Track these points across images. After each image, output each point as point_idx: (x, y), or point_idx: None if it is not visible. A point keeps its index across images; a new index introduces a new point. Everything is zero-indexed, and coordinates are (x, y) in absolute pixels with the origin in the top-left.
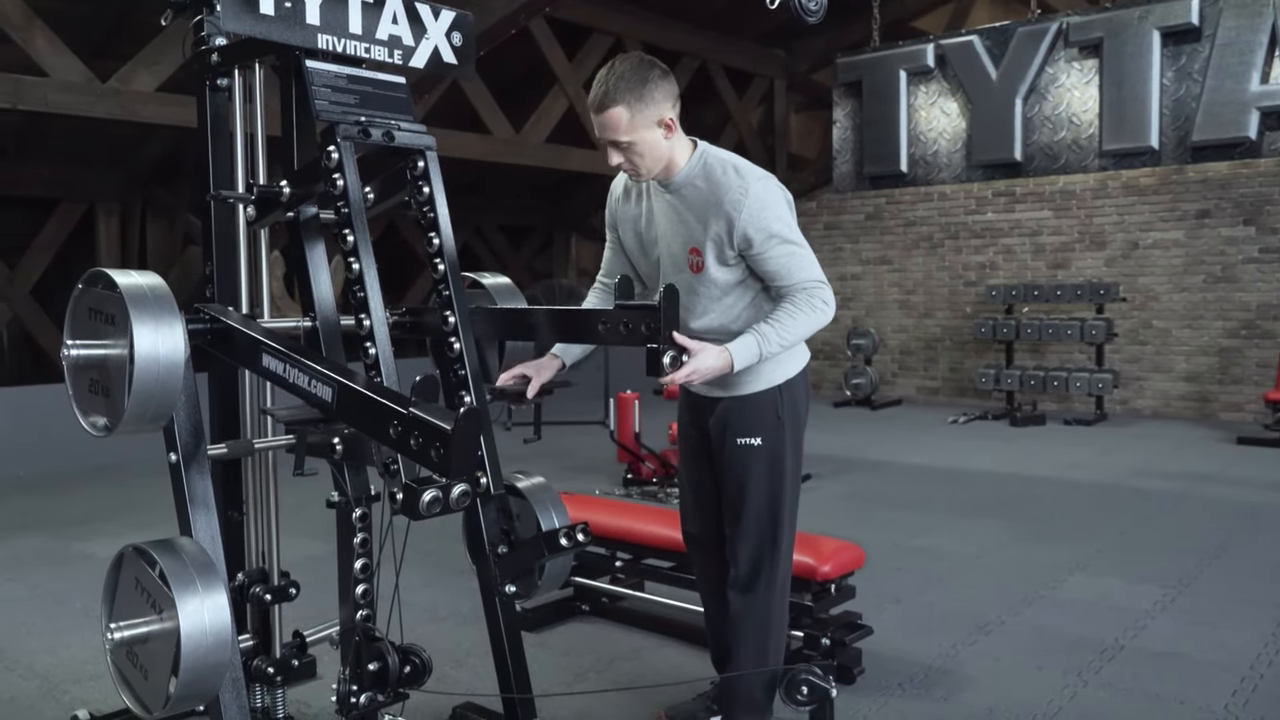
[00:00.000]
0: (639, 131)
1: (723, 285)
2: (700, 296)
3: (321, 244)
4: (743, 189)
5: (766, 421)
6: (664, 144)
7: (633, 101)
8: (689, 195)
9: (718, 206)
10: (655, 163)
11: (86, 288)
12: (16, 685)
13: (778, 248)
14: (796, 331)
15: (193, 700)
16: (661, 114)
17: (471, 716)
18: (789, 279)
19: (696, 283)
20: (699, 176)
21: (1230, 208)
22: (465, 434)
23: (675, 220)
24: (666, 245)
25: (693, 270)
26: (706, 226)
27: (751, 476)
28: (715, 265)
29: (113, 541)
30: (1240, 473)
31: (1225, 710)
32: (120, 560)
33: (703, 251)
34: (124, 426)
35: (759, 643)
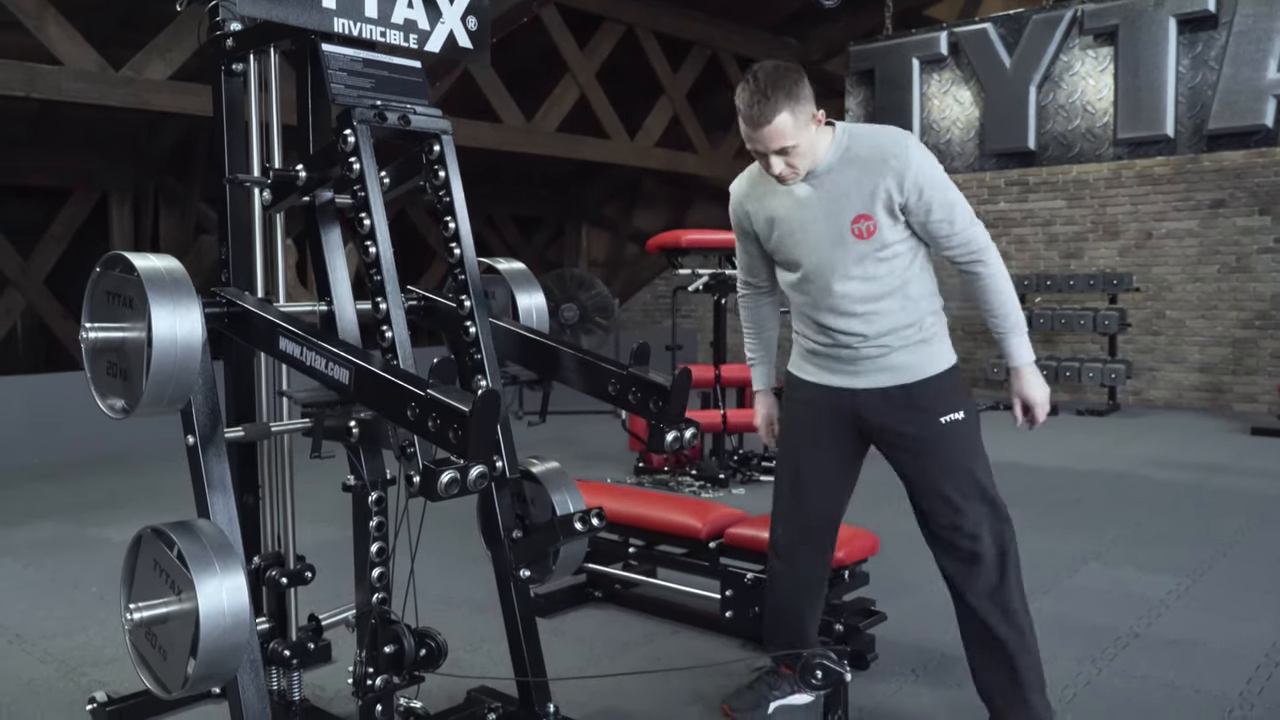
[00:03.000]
0: (801, 133)
1: (893, 246)
2: (874, 263)
3: (337, 228)
4: (903, 145)
5: (963, 394)
6: (816, 137)
7: (792, 106)
8: (844, 171)
9: (881, 165)
10: (813, 159)
11: (104, 271)
12: (35, 668)
13: (943, 195)
14: (1013, 294)
15: (211, 681)
16: (812, 110)
17: (486, 700)
18: (957, 224)
19: (868, 249)
20: (851, 150)
21: (1245, 197)
22: (483, 416)
23: (831, 198)
24: (822, 227)
25: (860, 237)
26: (875, 189)
27: (965, 454)
28: (888, 224)
29: (129, 527)
30: (1254, 463)
31: (1240, 698)
32: (139, 542)
33: (873, 214)
34: (142, 409)
35: (1030, 644)
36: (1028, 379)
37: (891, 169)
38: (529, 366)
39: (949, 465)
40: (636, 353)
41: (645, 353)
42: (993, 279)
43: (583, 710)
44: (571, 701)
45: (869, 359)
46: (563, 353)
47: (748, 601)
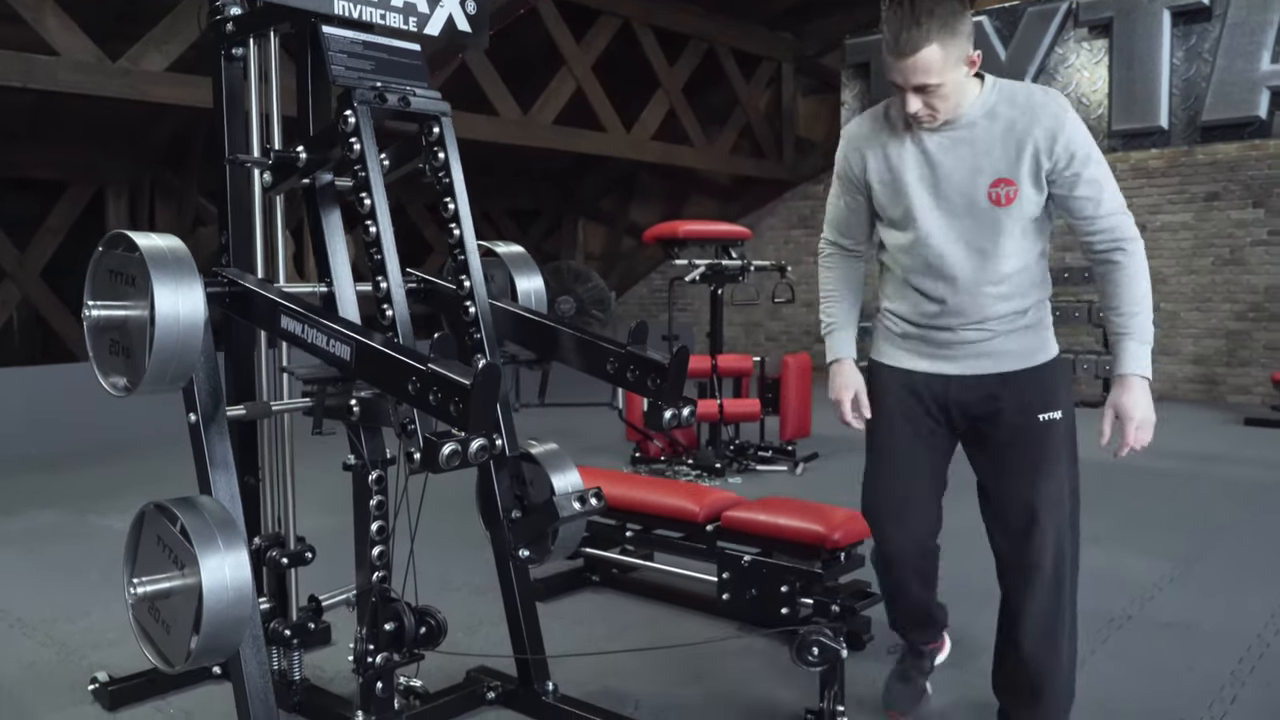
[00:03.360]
0: (950, 72)
1: (1028, 219)
2: (1005, 235)
3: (337, 210)
4: (1059, 104)
5: (1064, 393)
6: (965, 82)
7: (946, 39)
8: (989, 126)
9: (1033, 123)
10: (956, 103)
11: (107, 250)
12: (36, 651)
13: (1093, 167)
14: (1149, 293)
15: (214, 655)
16: (968, 50)
17: (485, 679)
18: (1103, 205)
19: (1003, 217)
20: (1000, 104)
21: (1239, 190)
22: (484, 389)
23: (968, 155)
24: (953, 186)
25: (996, 203)
26: (1022, 149)
27: (1056, 459)
28: (1031, 194)
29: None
30: (1248, 453)
31: (1231, 676)
32: (142, 518)
33: (1016, 180)
34: (144, 386)
35: (1066, 671)
36: (1134, 392)
37: (1043, 128)
38: (528, 346)
39: (1037, 468)
40: (634, 331)
41: (643, 331)
42: (1131, 272)
43: (582, 689)
44: (570, 681)
45: (968, 343)
46: (561, 332)
47: (745, 584)
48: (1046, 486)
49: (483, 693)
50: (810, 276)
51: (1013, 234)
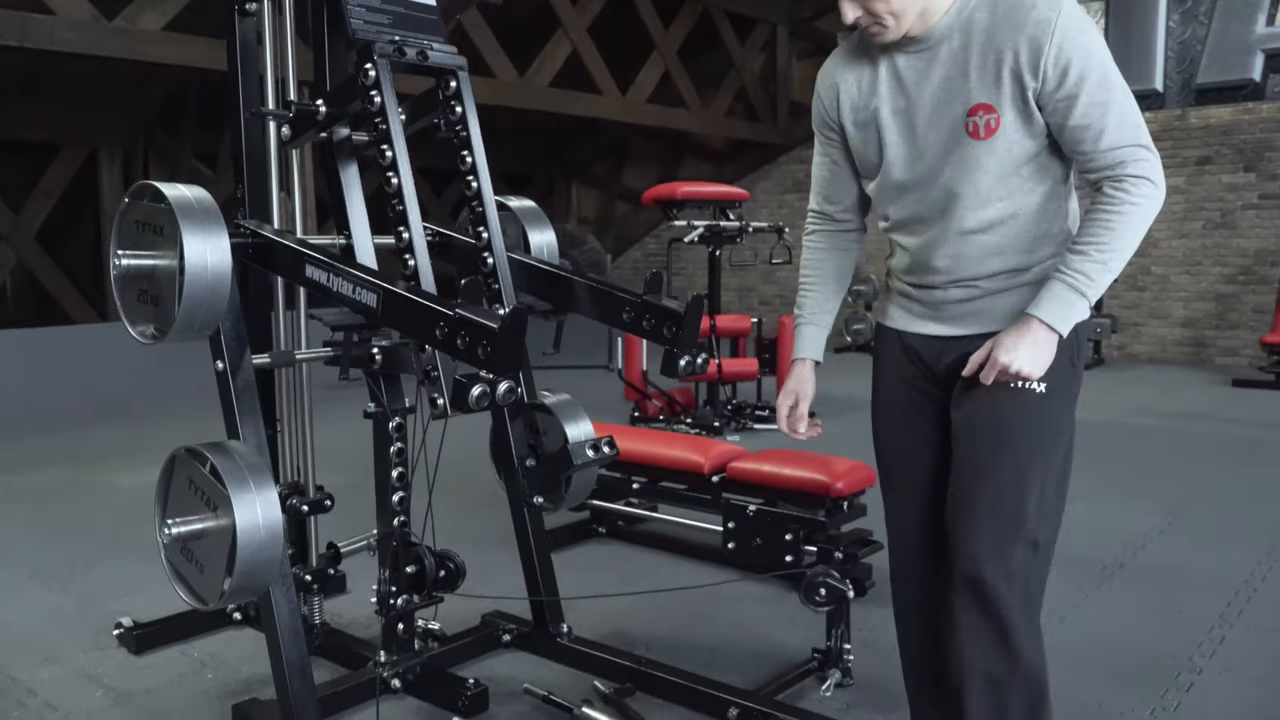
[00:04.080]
0: None
1: (1019, 154)
2: (985, 173)
3: (354, 164)
4: (1052, 7)
5: (1060, 364)
6: None
7: None
8: (965, 38)
9: (1016, 29)
10: (904, 10)
11: (133, 201)
12: (57, 600)
13: (1094, 88)
14: (1127, 244)
15: (246, 593)
16: None
17: (500, 622)
18: (1105, 138)
19: (984, 153)
20: (981, 8)
21: (1231, 154)
22: (511, 332)
23: (941, 79)
24: (925, 117)
25: (974, 135)
26: (1000, 68)
27: (1021, 431)
28: (1017, 122)
29: (134, 474)
30: (1236, 413)
31: (1220, 618)
32: (172, 463)
33: (996, 104)
34: (173, 334)
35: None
36: (1026, 334)
37: (1027, 36)
38: (543, 297)
39: (998, 447)
40: (649, 281)
41: (658, 281)
42: (1121, 212)
43: (593, 632)
44: (581, 625)
45: (955, 301)
46: (576, 283)
47: (750, 533)
48: (1002, 460)
49: (498, 635)
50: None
51: (998, 173)
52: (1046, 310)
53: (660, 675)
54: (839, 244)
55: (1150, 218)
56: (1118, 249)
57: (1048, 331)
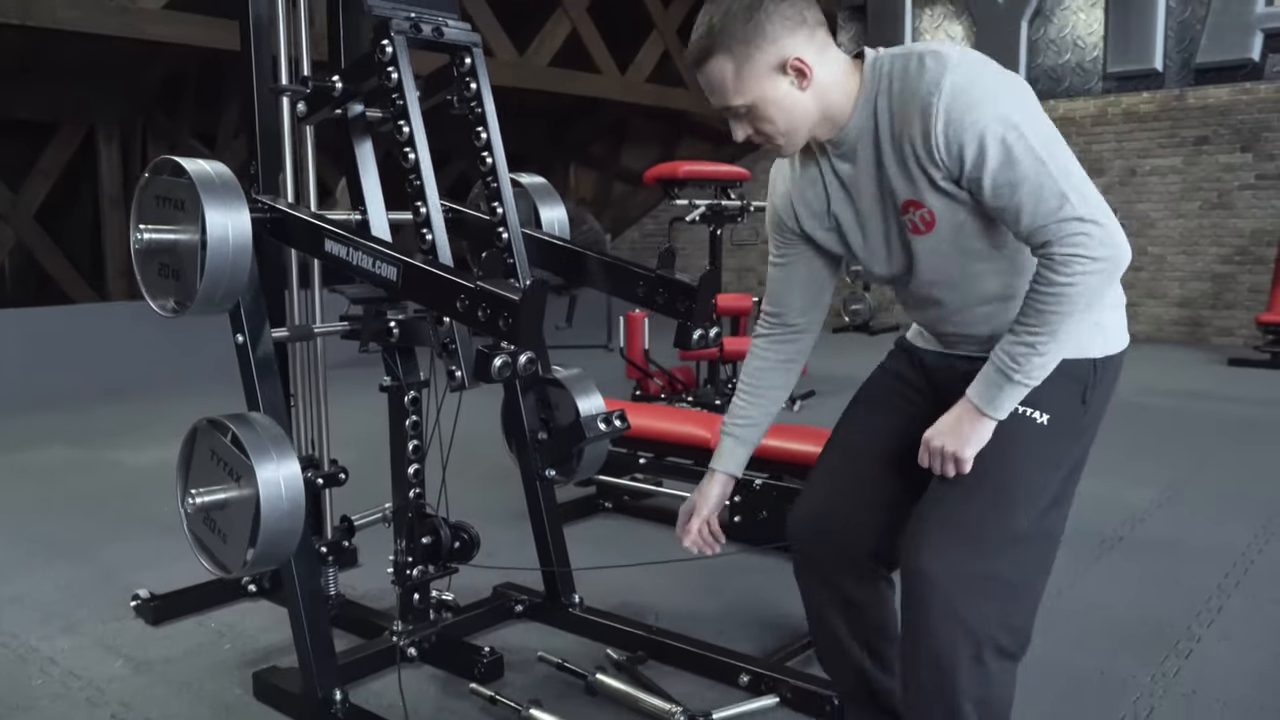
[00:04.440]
0: (754, 89)
1: (972, 232)
2: (949, 260)
3: (369, 141)
4: (933, 82)
5: (1066, 397)
6: (800, 97)
7: (735, 46)
8: (874, 137)
9: (908, 119)
10: (794, 126)
11: (153, 176)
12: (72, 572)
13: (996, 168)
14: (1059, 328)
15: (270, 560)
16: (783, 53)
17: (512, 593)
18: (1024, 220)
19: (936, 245)
20: (883, 95)
21: (1228, 134)
22: (532, 304)
23: (869, 180)
24: (877, 220)
25: (918, 232)
26: (905, 160)
27: (1016, 457)
28: (947, 207)
29: (140, 452)
30: (1232, 391)
31: (1218, 589)
32: (194, 434)
33: (921, 200)
34: (195, 308)
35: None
36: (964, 420)
37: (917, 124)
38: (556, 272)
39: (979, 477)
40: (662, 256)
41: (671, 256)
42: (1060, 297)
43: (604, 603)
44: (591, 596)
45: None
46: (589, 258)
47: (755, 506)
48: (987, 513)
49: (511, 606)
50: None
51: (963, 258)
52: (977, 391)
53: (671, 643)
54: (787, 354)
55: (1091, 292)
56: (1048, 333)
57: (977, 413)
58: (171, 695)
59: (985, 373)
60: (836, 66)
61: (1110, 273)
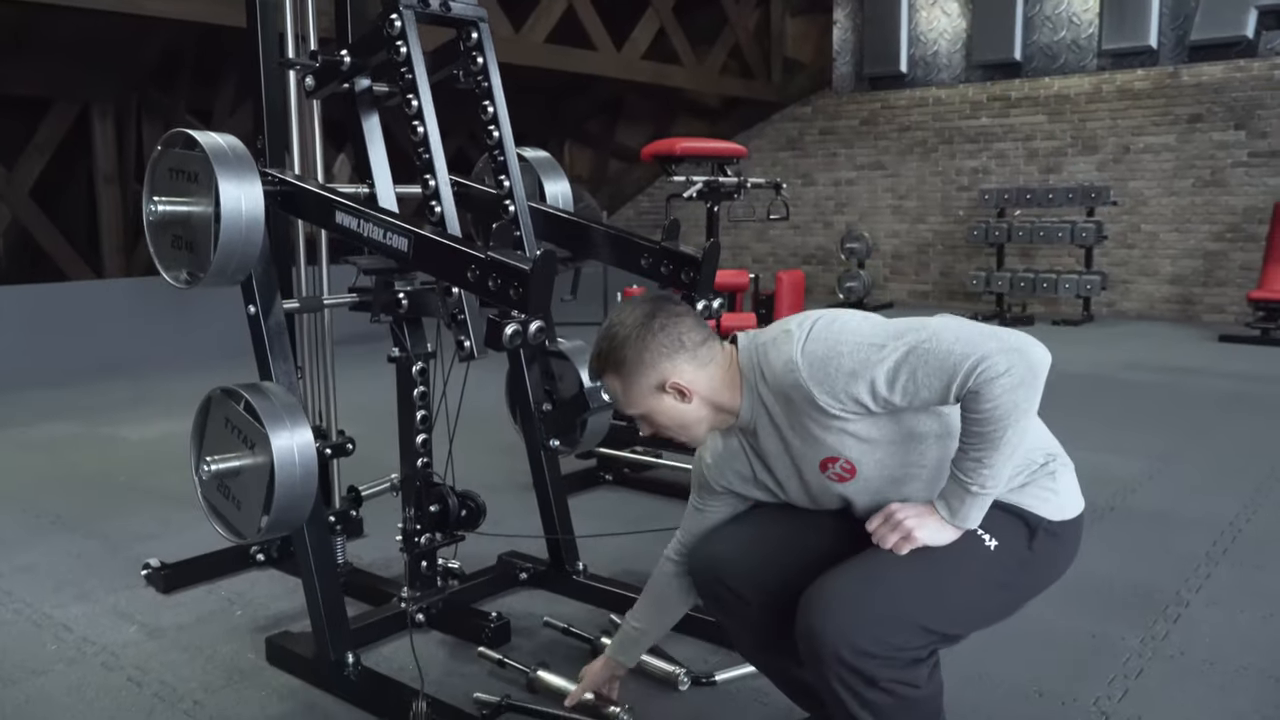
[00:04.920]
0: (640, 403)
1: (891, 467)
2: (885, 483)
3: (376, 115)
4: (792, 364)
5: (1016, 536)
6: (685, 408)
7: (620, 369)
8: (769, 419)
9: (794, 405)
10: (688, 425)
11: (166, 149)
12: (82, 543)
13: (886, 387)
14: (1000, 440)
15: (283, 527)
16: (662, 376)
17: (517, 561)
18: (946, 393)
19: (865, 484)
20: (763, 386)
21: (1222, 112)
22: (543, 273)
23: (780, 451)
24: (799, 481)
25: (842, 480)
26: (808, 430)
27: (957, 566)
28: (863, 449)
29: (141, 427)
30: (1223, 367)
31: (1206, 556)
32: (208, 403)
33: (838, 453)
34: (209, 279)
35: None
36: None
37: (805, 405)
38: (562, 245)
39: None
40: (668, 228)
41: (676, 228)
42: (986, 414)
43: (606, 571)
44: (594, 564)
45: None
46: (595, 230)
47: None
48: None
49: (515, 573)
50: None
51: (895, 482)
52: (943, 503)
53: None
54: (680, 584)
55: (1022, 400)
56: (989, 447)
57: (940, 519)
58: (185, 660)
59: (948, 486)
60: (716, 372)
61: (1025, 374)
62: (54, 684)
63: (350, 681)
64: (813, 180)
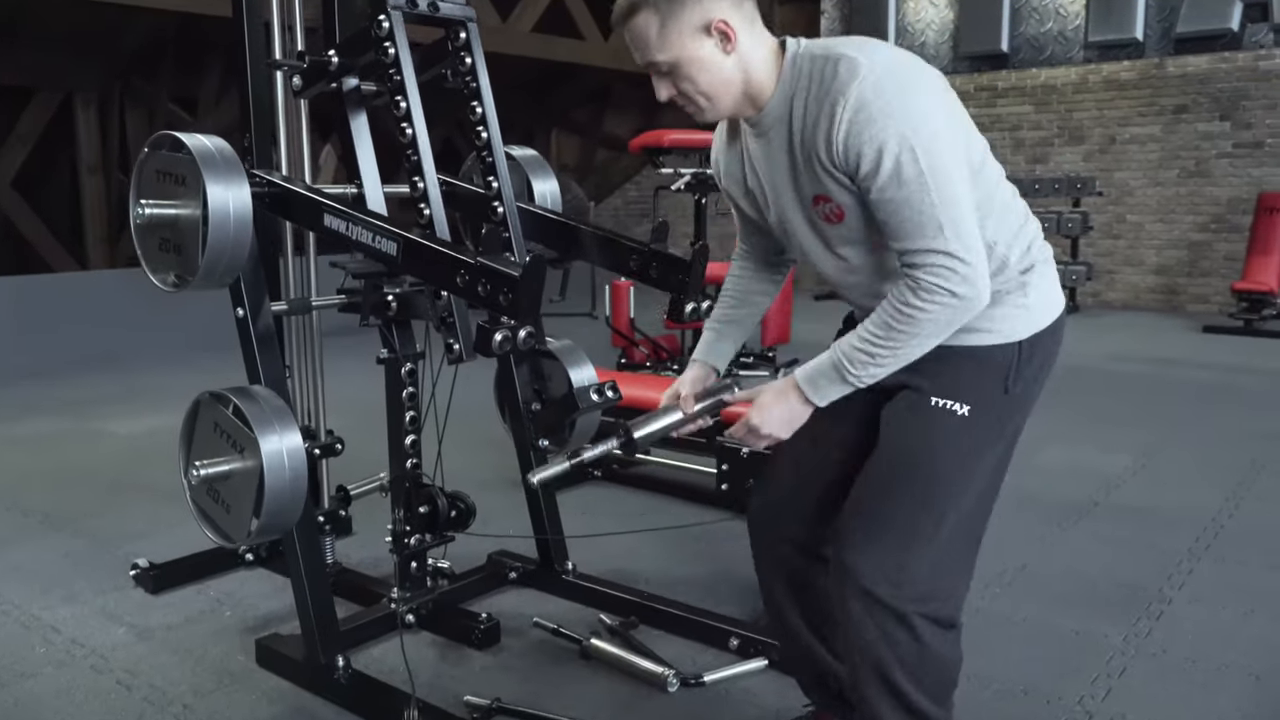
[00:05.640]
0: (676, 46)
1: (878, 231)
2: (862, 244)
3: (364, 114)
4: (841, 91)
5: (987, 388)
6: (723, 62)
7: (661, 2)
8: (787, 128)
9: (817, 120)
10: (717, 91)
11: (153, 151)
12: (69, 542)
13: (885, 183)
14: (901, 348)
15: (273, 531)
16: (708, 15)
17: (507, 560)
18: (899, 238)
19: (848, 232)
20: (800, 88)
21: (1207, 103)
22: (531, 279)
23: (782, 166)
24: (783, 203)
25: (829, 221)
26: (812, 158)
27: (935, 450)
28: (855, 203)
29: (129, 421)
30: (1206, 358)
31: (1189, 552)
32: (196, 407)
33: (830, 195)
34: (197, 283)
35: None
36: (775, 392)
37: (822, 126)
38: (550, 246)
39: (907, 467)
40: (656, 230)
41: (664, 230)
42: (906, 315)
43: (595, 569)
44: (583, 563)
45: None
46: (583, 231)
47: (743, 474)
48: (905, 510)
49: (505, 573)
50: None
51: (875, 248)
52: (805, 374)
53: (662, 608)
54: (759, 272)
55: (943, 327)
56: (889, 350)
57: (798, 394)
58: (175, 663)
59: (821, 360)
60: (762, 45)
61: (964, 311)
62: (43, 687)
63: (341, 685)
64: None
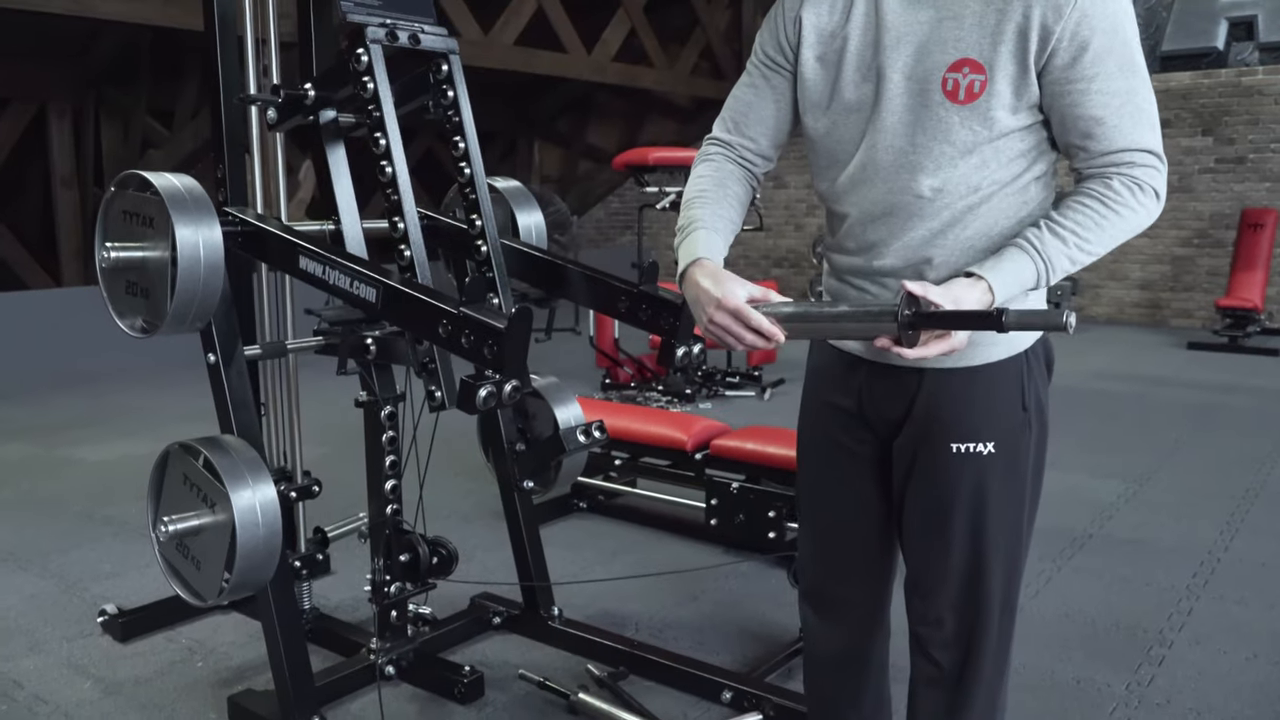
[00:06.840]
0: None
1: (999, 130)
2: (951, 145)
3: (342, 148)
4: None
5: (1005, 412)
6: None
7: None
8: None
9: None
10: None
11: (119, 190)
12: (35, 584)
13: (1113, 74)
14: (1104, 241)
15: (246, 588)
16: None
17: (490, 605)
18: (1109, 139)
19: (957, 122)
20: None
21: (1190, 118)
22: (517, 332)
23: (929, 19)
24: (899, 58)
25: (952, 96)
26: (1003, 20)
27: (977, 506)
28: (1009, 90)
29: (100, 447)
30: (1192, 376)
31: (1187, 590)
32: (165, 458)
33: (987, 65)
34: (166, 328)
35: None
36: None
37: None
38: (536, 284)
39: (933, 530)
40: (645, 271)
41: (654, 271)
42: (1121, 214)
43: (581, 613)
44: (570, 605)
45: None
46: (570, 270)
47: (732, 509)
48: (959, 541)
49: (489, 618)
50: (775, 202)
51: (963, 150)
52: (993, 275)
53: (652, 658)
54: (734, 172)
55: (1137, 230)
56: (1092, 247)
57: (982, 290)
58: None
59: (1011, 259)
60: None
61: (1154, 218)
62: None
63: None
64: (784, 183)
